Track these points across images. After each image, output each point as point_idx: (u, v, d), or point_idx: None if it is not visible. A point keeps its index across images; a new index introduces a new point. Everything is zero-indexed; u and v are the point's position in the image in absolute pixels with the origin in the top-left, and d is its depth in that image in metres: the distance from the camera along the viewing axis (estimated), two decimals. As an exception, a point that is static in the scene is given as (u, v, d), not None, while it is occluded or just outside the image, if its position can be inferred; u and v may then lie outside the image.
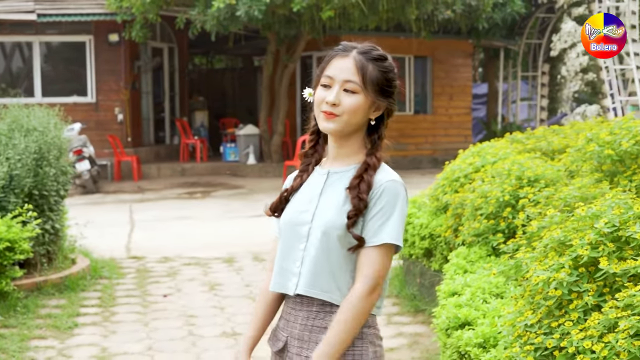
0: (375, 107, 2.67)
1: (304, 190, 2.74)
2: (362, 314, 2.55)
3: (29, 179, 7.73)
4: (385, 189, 2.59)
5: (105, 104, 18.95)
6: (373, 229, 2.57)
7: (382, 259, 2.57)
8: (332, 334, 2.54)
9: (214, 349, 6.19)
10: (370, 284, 2.55)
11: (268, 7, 15.62)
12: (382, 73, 2.66)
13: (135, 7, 16.79)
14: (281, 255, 2.70)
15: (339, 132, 2.65)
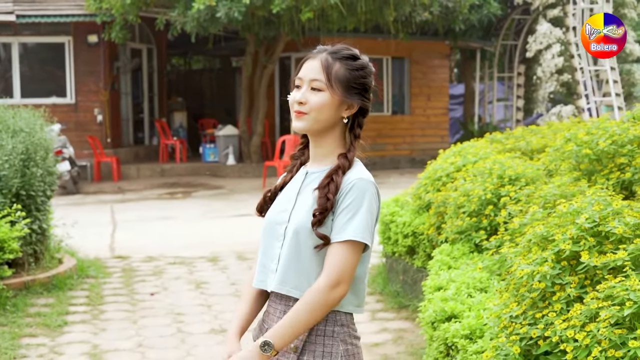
0: (347, 105, 2.71)
1: (285, 190, 2.81)
2: (320, 306, 2.56)
3: (17, 180, 7.82)
4: (353, 186, 2.63)
5: (85, 104, 18.99)
6: (339, 225, 2.60)
7: (347, 255, 2.58)
8: (286, 317, 2.57)
9: (203, 345, 6.33)
10: (332, 278, 2.56)
11: (248, 9, 15.74)
12: (349, 71, 2.70)
13: (115, 8, 16.86)
14: (262, 253, 2.77)
15: (308, 130, 2.71)
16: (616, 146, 5.25)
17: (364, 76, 2.74)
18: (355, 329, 2.73)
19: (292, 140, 16.73)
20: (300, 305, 2.58)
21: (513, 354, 3.41)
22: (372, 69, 2.79)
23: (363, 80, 2.73)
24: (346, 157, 2.71)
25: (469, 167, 6.69)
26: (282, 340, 2.56)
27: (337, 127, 2.74)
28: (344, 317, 2.67)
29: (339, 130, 2.75)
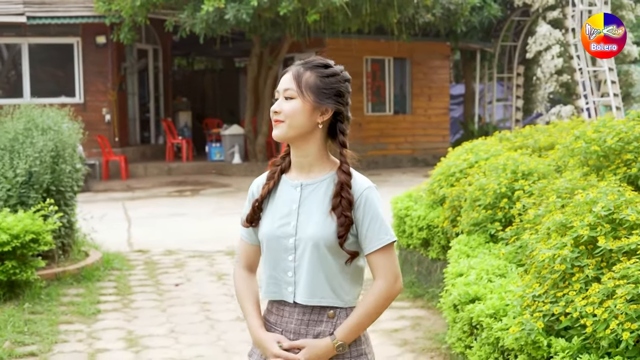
0: (321, 111, 2.81)
1: (278, 202, 2.90)
2: (390, 299, 2.82)
3: (47, 176, 8.19)
4: (367, 198, 2.81)
5: (93, 104, 19.33)
6: (374, 235, 2.79)
7: (392, 255, 2.83)
8: (354, 321, 2.78)
9: (231, 331, 6.70)
10: (391, 278, 2.81)
11: (255, 11, 16.11)
12: (320, 78, 2.81)
13: (124, 10, 17.22)
14: (270, 265, 2.87)
15: (285, 136, 2.82)
16: (623, 143, 5.61)
17: (335, 82, 2.84)
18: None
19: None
20: (366, 305, 2.79)
21: (537, 329, 3.78)
22: (346, 76, 2.89)
23: (335, 85, 2.83)
24: (344, 171, 2.82)
25: (481, 164, 7.07)
26: (350, 339, 2.80)
27: (315, 134, 2.84)
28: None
29: (318, 137, 2.85)
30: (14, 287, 7.40)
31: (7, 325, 6.56)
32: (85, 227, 9.42)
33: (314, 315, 2.83)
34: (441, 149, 21.16)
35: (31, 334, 6.51)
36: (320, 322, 2.83)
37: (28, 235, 7.28)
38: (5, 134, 8.57)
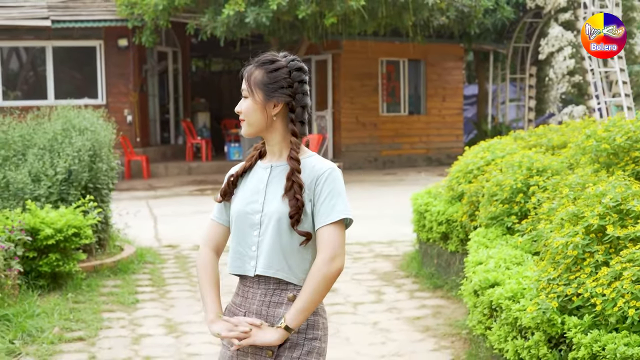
0: (273, 103, 2.96)
1: (250, 182, 3.07)
2: (323, 282, 2.87)
3: (85, 174, 8.66)
4: (329, 175, 2.93)
5: (115, 106, 19.80)
6: (326, 210, 2.91)
7: (337, 233, 2.90)
8: (302, 295, 2.89)
9: (264, 318, 7.13)
10: (328, 254, 2.88)
11: (274, 14, 16.55)
12: (266, 74, 2.95)
13: (147, 14, 17.69)
14: (236, 240, 3.02)
15: (248, 134, 3.01)
16: (631, 141, 6.02)
17: (280, 75, 2.96)
18: (324, 305, 3.06)
19: (316, 139, 17.56)
20: (307, 287, 2.89)
21: (552, 308, 4.21)
22: (294, 66, 3.00)
23: (279, 78, 2.95)
24: (292, 158, 2.95)
25: (498, 161, 7.50)
26: (298, 323, 2.90)
27: (274, 125, 2.99)
28: None
29: (279, 127, 3.00)
30: (57, 278, 7.87)
31: (54, 313, 7.03)
32: (118, 223, 9.88)
33: (275, 297, 2.95)
34: (455, 149, 21.60)
35: (77, 321, 6.97)
36: (281, 304, 2.94)
37: (70, 229, 7.74)
38: (44, 134, 9.04)
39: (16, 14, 18.85)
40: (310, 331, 2.95)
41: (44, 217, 7.75)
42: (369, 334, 6.70)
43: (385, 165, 21.35)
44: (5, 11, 18.94)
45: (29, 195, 8.35)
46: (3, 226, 7.38)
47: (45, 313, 6.98)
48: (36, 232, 7.65)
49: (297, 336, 2.93)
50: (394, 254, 9.84)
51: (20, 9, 19.03)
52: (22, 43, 19.78)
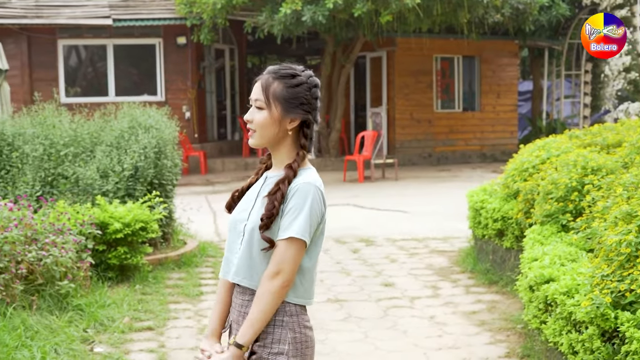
0: (290, 119, 2.95)
1: (249, 191, 3.10)
2: (266, 296, 2.85)
3: (151, 170, 8.99)
4: (297, 190, 2.89)
5: (174, 102, 20.20)
6: (285, 225, 2.87)
7: (288, 250, 2.86)
8: (251, 309, 2.89)
9: (323, 311, 7.39)
10: (271, 269, 2.87)
11: (330, 13, 16.78)
12: (287, 89, 2.92)
13: (205, 12, 18.05)
14: (227, 247, 3.07)
15: (258, 145, 3.00)
16: (686, 141, 6.15)
17: (301, 91, 2.94)
18: (306, 319, 3.01)
19: (371, 136, 17.76)
20: (254, 301, 2.89)
21: (605, 303, 4.38)
22: (313, 82, 3.00)
23: (300, 95, 2.94)
24: (291, 167, 2.94)
25: (553, 160, 7.64)
26: (248, 338, 2.89)
27: (286, 139, 2.98)
28: (293, 308, 2.95)
29: (290, 140, 2.99)
30: (125, 271, 8.21)
31: (124, 304, 7.36)
32: (181, 218, 10.20)
33: (249, 309, 2.94)
34: (509, 145, 21.66)
35: (145, 311, 7.29)
36: None
37: (138, 223, 8.07)
38: (111, 131, 9.40)
39: (79, 13, 19.36)
40: (275, 345, 2.91)
41: (113, 212, 8.09)
42: (425, 327, 6.91)
43: (439, 161, 21.47)
44: (69, 10, 19.47)
45: (98, 191, 8.70)
46: (74, 220, 7.73)
47: (115, 303, 7.31)
48: (105, 226, 7.99)
49: (262, 350, 2.93)
50: (449, 249, 10.02)
51: (83, 8, 19.53)
52: (84, 41, 20.29)
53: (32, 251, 6.83)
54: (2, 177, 8.88)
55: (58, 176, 8.84)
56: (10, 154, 9.00)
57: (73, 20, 19.17)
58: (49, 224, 7.32)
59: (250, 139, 3.01)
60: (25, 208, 7.39)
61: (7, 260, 6.54)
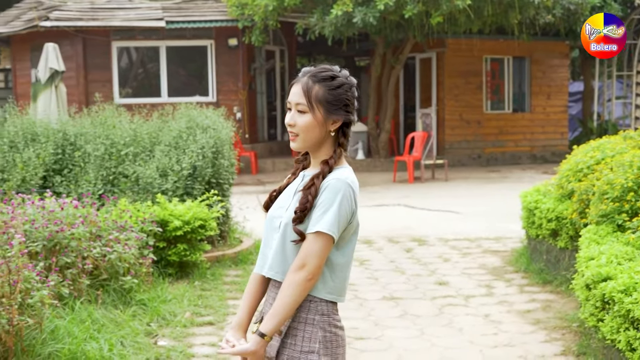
0: (332, 120, 2.99)
1: (286, 190, 3.14)
2: (291, 288, 2.89)
3: (209, 169, 9.19)
4: (329, 186, 2.93)
5: (225, 103, 20.42)
6: (314, 219, 2.91)
7: (314, 244, 2.90)
8: (275, 300, 2.93)
9: (379, 308, 7.51)
10: (297, 262, 2.90)
11: (381, 14, 16.89)
12: (328, 91, 2.96)
13: (257, 14, 18.27)
14: (263, 242, 3.12)
15: (302, 149, 3.04)
16: None
17: (343, 93, 3.00)
18: (337, 319, 3.03)
19: (421, 137, 17.83)
20: (279, 293, 2.93)
21: (664, 301, 4.46)
22: (352, 82, 3.05)
23: (342, 96, 2.99)
24: (327, 163, 2.99)
25: (608, 161, 7.67)
26: (271, 328, 2.91)
27: (327, 140, 3.03)
28: (324, 307, 2.99)
29: (330, 141, 3.03)
30: (184, 267, 8.41)
31: (184, 299, 7.55)
32: (237, 216, 10.39)
33: None
34: (560, 147, 21.57)
35: (205, 306, 7.48)
36: None
37: (197, 221, 8.27)
38: (169, 132, 9.61)
39: (132, 16, 19.71)
40: (306, 344, 2.96)
41: (173, 210, 8.29)
42: (481, 325, 6.99)
43: (489, 162, 21.45)
44: (123, 13, 19.83)
45: (157, 189, 8.91)
46: (136, 218, 7.95)
47: (175, 299, 7.51)
48: (165, 224, 8.20)
49: (293, 349, 2.97)
50: (502, 249, 10.07)
51: (137, 11, 19.89)
52: (137, 43, 20.64)
53: (96, 247, 7.05)
54: (65, 176, 9.14)
55: (119, 175, 9.08)
56: (73, 153, 9.27)
57: (127, 22, 19.52)
58: (112, 221, 7.54)
59: (292, 142, 3.03)
60: (89, 206, 7.63)
61: (74, 255, 6.77)
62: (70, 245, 6.78)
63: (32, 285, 5.62)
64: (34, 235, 6.65)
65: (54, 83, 13.49)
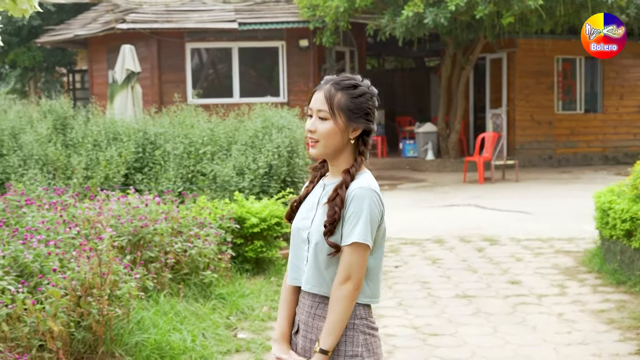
0: (353, 128, 3.02)
1: (308, 199, 3.16)
2: (340, 302, 2.94)
3: (284, 168, 9.39)
4: (354, 196, 2.95)
5: (296, 103, 20.62)
6: (347, 232, 2.95)
7: (353, 256, 2.94)
8: (327, 316, 2.98)
9: (453, 306, 7.62)
10: (342, 275, 2.95)
11: (452, 14, 16.92)
12: (350, 100, 3.00)
13: (328, 16, 18.46)
14: (293, 254, 3.15)
15: (321, 156, 3.07)
16: None
17: (364, 102, 3.03)
18: (372, 321, 3.08)
19: (491, 137, 17.82)
20: (329, 308, 2.98)
21: None
22: (373, 92, 3.09)
23: (363, 105, 3.03)
24: (348, 172, 3.01)
25: (684, 161, 7.66)
26: (330, 344, 2.98)
27: (347, 147, 3.06)
28: (362, 311, 3.03)
29: (349, 149, 3.07)
30: (260, 264, 8.63)
31: (261, 294, 7.76)
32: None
33: (319, 310, 3.05)
34: (633, 147, 21.32)
35: (281, 302, 7.66)
36: (323, 317, 3.03)
37: (273, 219, 8.47)
38: (245, 131, 9.85)
39: (206, 17, 20.08)
40: (349, 348, 3.01)
41: (250, 208, 8.51)
42: (554, 324, 7.05)
43: (560, 163, 21.30)
44: (197, 15, 20.21)
45: (234, 187, 9.15)
46: (214, 215, 8.18)
47: (253, 294, 7.72)
48: (242, 221, 8.42)
49: (337, 355, 3.00)
50: (575, 250, 10.07)
51: (210, 13, 20.26)
52: (210, 44, 21.00)
53: (178, 242, 7.31)
54: (146, 174, 9.44)
55: (197, 173, 9.34)
56: (153, 152, 9.56)
57: (201, 24, 19.89)
58: (192, 218, 7.79)
59: (312, 149, 3.07)
60: (170, 202, 7.89)
61: (157, 250, 7.03)
62: (153, 240, 7.04)
63: (120, 277, 5.87)
64: (119, 230, 6.93)
65: (130, 84, 13.90)
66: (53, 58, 26.33)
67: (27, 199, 7.42)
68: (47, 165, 9.23)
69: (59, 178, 9.10)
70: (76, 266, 5.63)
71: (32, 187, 8.27)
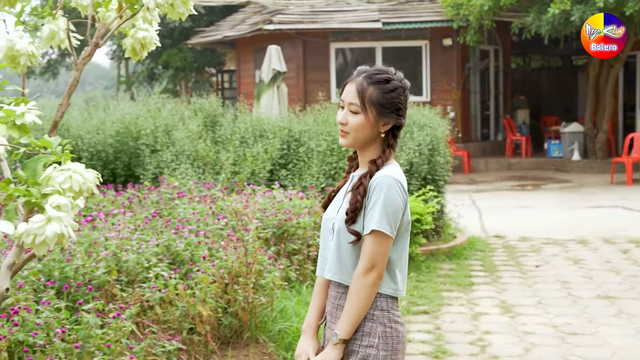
0: (383, 122, 3.01)
1: (341, 191, 3.18)
2: (361, 291, 2.93)
3: (425, 166, 9.49)
4: (377, 185, 2.94)
5: (438, 102, 20.65)
6: (368, 219, 2.94)
7: (374, 244, 2.92)
8: (346, 304, 2.97)
9: (594, 306, 7.53)
10: (364, 264, 2.93)
11: (600, 11, 16.54)
12: (382, 94, 2.98)
13: (472, 14, 18.39)
14: (321, 245, 3.18)
15: (351, 146, 3.07)
16: None
17: (396, 97, 3.01)
18: (397, 314, 3.04)
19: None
20: (349, 296, 2.97)
21: None
22: (405, 86, 3.07)
23: (395, 100, 3.00)
24: (375, 162, 3.01)
25: None
26: (347, 332, 2.98)
27: (376, 140, 3.05)
28: (384, 303, 3.01)
29: (379, 141, 3.05)
30: (400, 259, 8.74)
31: (400, 289, 7.89)
32: (451, 212, 10.64)
33: (342, 301, 3.05)
34: None
35: (420, 297, 7.79)
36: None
37: (413, 215, 8.59)
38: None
39: (350, 18, 20.36)
40: (365, 338, 2.98)
41: (390, 204, 8.64)
42: (701, 327, 6.87)
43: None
44: (341, 15, 20.53)
45: (376, 184, 9.30)
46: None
47: (392, 288, 7.85)
48: (383, 217, 8.56)
49: (352, 343, 2.99)
50: None
51: (354, 13, 20.53)
52: (354, 44, 21.28)
53: (319, 236, 7.52)
54: (290, 170, 9.72)
55: (339, 170, 9.54)
56: (297, 149, 9.84)
57: (345, 24, 20.19)
58: (334, 213, 7.99)
59: (342, 139, 3.08)
60: (314, 197, 8.13)
61: (300, 243, 7.27)
62: (296, 233, 7.28)
63: (264, 267, 6.14)
64: (264, 222, 7.21)
65: (276, 83, 14.30)
66: (203, 59, 27.28)
67: (179, 192, 7.83)
68: (198, 160, 9.64)
69: (208, 173, 9.50)
70: (224, 255, 5.93)
71: (184, 181, 8.69)
